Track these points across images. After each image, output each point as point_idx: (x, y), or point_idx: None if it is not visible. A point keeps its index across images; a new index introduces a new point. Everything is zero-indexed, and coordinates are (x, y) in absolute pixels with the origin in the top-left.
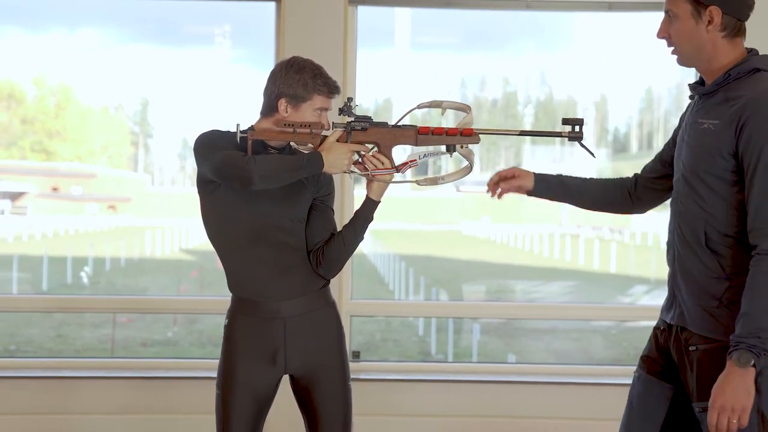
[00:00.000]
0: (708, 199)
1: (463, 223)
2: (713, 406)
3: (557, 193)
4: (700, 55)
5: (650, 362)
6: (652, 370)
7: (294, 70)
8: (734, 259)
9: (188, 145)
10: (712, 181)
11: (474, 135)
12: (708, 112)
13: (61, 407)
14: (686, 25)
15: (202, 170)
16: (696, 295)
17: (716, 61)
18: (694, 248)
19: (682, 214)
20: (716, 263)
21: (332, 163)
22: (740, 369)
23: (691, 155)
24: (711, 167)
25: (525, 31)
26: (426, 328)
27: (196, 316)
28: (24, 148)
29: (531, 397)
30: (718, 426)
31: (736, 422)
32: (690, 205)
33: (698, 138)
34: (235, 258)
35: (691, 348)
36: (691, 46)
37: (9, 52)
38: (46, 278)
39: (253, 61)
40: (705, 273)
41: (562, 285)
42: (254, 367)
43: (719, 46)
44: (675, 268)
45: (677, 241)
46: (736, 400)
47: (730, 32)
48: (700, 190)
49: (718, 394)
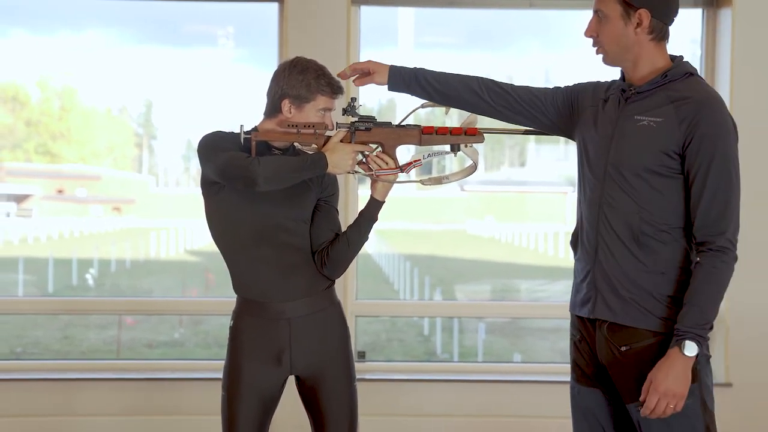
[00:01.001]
0: (644, 193)
1: (468, 222)
2: (655, 390)
3: (411, 87)
4: (626, 55)
5: (580, 371)
6: (584, 380)
7: (297, 70)
8: (668, 254)
9: (192, 147)
10: (650, 177)
11: (478, 134)
12: (646, 110)
13: (67, 409)
14: (615, 26)
15: (206, 171)
16: (626, 288)
17: (642, 63)
18: (625, 242)
19: (611, 207)
20: (649, 257)
21: (336, 163)
22: (684, 357)
23: (626, 150)
24: (651, 163)
25: (528, 30)
26: (431, 328)
27: (202, 317)
28: (29, 150)
29: (537, 397)
30: (656, 410)
31: (673, 407)
32: (622, 199)
33: (636, 134)
34: (240, 259)
35: (623, 348)
36: (618, 47)
37: (14, 54)
38: (52, 280)
39: (256, 61)
40: (637, 267)
41: (567, 284)
42: (260, 368)
43: (645, 48)
44: (597, 262)
45: (603, 235)
46: (677, 386)
47: (657, 35)
48: (635, 185)
49: (661, 379)
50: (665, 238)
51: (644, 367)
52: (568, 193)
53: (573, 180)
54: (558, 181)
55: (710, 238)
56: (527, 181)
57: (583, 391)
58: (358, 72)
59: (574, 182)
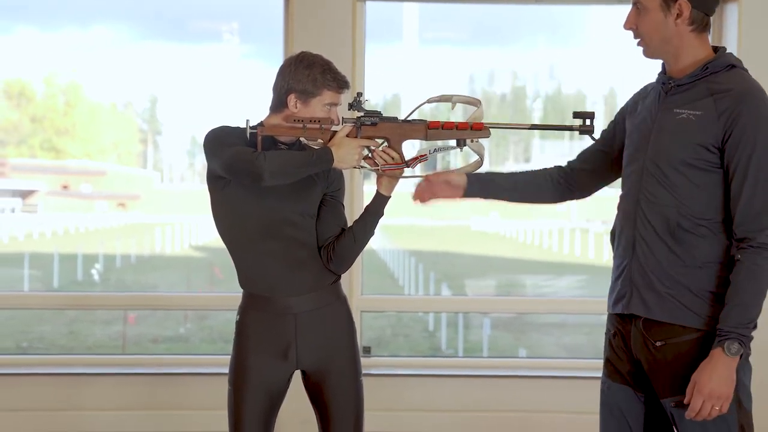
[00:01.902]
0: (682, 187)
1: (473, 218)
2: (700, 393)
3: (487, 191)
4: (667, 47)
5: (612, 368)
6: (615, 377)
7: (303, 65)
8: (707, 248)
9: (197, 142)
10: (688, 171)
11: (484, 129)
12: (685, 103)
13: (72, 404)
14: (655, 18)
15: (213, 166)
16: (663, 283)
17: (684, 55)
18: (662, 237)
19: (648, 201)
20: (687, 252)
21: (342, 158)
22: (727, 357)
23: (666, 144)
24: (690, 157)
25: (533, 25)
26: (436, 323)
27: (207, 312)
28: (34, 146)
29: (542, 392)
30: (701, 412)
31: (718, 409)
32: (659, 193)
33: (675, 127)
34: (246, 254)
35: (658, 343)
36: (658, 39)
37: (21, 50)
38: (57, 276)
39: (261, 57)
40: (674, 261)
41: (572, 279)
42: (266, 362)
43: (686, 39)
44: (635, 257)
45: (641, 229)
46: (722, 387)
47: (697, 26)
48: (673, 179)
49: (705, 381)
50: (703, 232)
51: (680, 363)
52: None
53: None
54: None
55: (751, 234)
56: None
57: (613, 387)
58: (432, 185)
59: None
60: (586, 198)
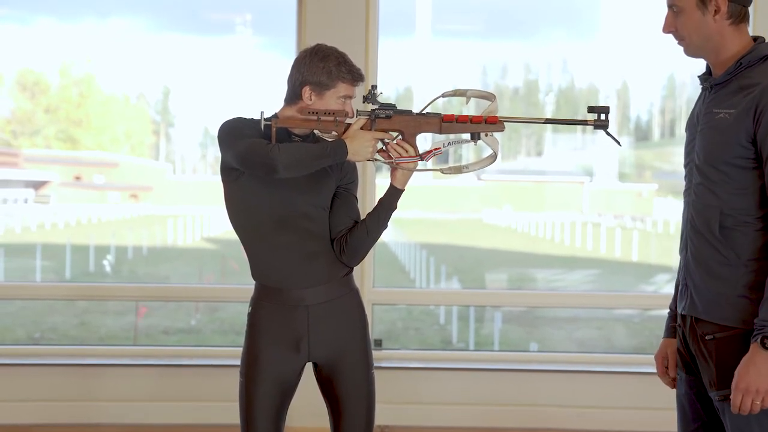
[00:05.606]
0: (723, 186)
1: (485, 211)
2: (737, 388)
3: None
4: (709, 45)
5: (680, 358)
6: (681, 367)
7: (318, 57)
8: (750, 246)
9: (209, 134)
10: (728, 169)
11: (499, 123)
12: (722, 102)
13: (84, 394)
14: (693, 17)
15: (227, 158)
16: (711, 283)
17: (725, 50)
18: (707, 237)
19: (695, 203)
20: (731, 251)
21: (356, 151)
22: (764, 352)
23: (707, 145)
24: (728, 156)
25: (547, 17)
26: (447, 317)
27: (218, 304)
28: (48, 137)
29: (553, 386)
30: (742, 407)
31: (759, 403)
32: (703, 194)
33: (714, 128)
34: (259, 246)
35: (707, 337)
36: (699, 38)
37: (37, 42)
38: (69, 266)
39: (274, 49)
40: (720, 261)
41: (584, 273)
42: (278, 354)
43: (726, 34)
44: (687, 258)
45: (689, 231)
46: (760, 382)
47: (736, 19)
48: (714, 178)
49: (741, 376)
50: (747, 230)
51: (726, 357)
52: (585, 183)
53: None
54: (575, 170)
55: None
56: (544, 171)
57: (680, 377)
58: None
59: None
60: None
